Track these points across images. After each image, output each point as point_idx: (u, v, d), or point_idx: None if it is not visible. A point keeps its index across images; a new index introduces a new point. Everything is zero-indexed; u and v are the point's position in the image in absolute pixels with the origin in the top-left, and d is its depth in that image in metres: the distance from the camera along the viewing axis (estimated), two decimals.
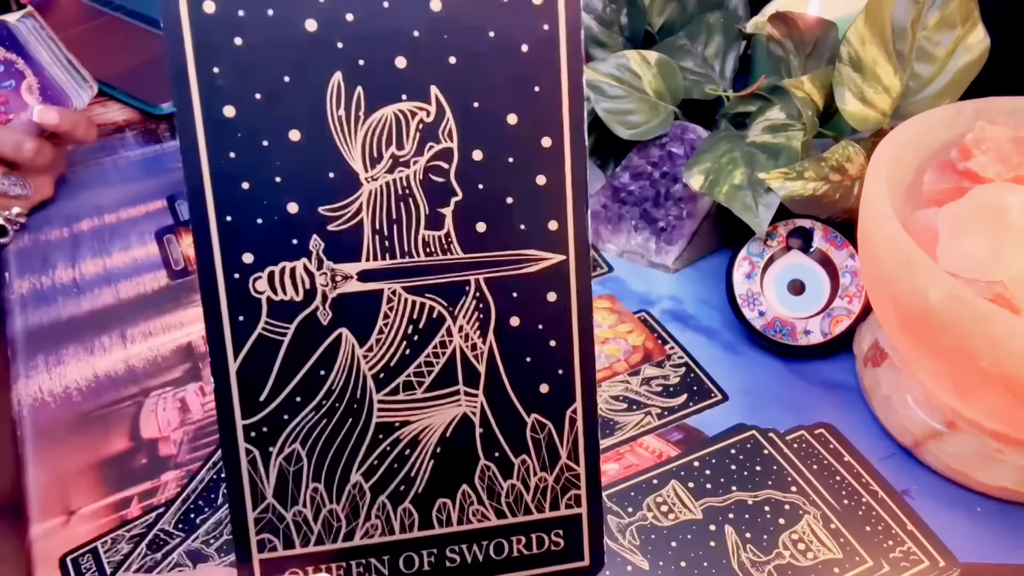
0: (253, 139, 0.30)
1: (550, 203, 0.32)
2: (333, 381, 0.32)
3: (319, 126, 0.30)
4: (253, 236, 0.31)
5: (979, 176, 0.44)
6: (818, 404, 0.51)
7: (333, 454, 0.32)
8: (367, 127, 0.31)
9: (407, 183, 0.31)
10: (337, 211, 0.31)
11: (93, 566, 0.44)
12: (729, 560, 0.43)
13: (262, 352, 0.31)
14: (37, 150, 0.63)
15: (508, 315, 0.32)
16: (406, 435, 0.32)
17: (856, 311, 0.52)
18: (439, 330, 0.32)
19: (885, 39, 0.52)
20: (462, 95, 0.31)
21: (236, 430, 0.32)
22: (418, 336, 0.32)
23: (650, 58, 0.62)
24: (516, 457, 0.33)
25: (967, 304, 0.37)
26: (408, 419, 0.32)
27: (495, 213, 0.32)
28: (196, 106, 0.30)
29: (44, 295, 0.61)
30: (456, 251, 0.32)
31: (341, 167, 0.31)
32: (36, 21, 0.65)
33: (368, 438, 0.32)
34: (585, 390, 0.33)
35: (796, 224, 0.55)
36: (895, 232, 0.40)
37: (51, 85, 0.65)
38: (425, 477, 0.33)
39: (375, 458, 0.32)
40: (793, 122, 0.55)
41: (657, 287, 0.60)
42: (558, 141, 0.32)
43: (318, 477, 0.32)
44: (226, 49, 0.30)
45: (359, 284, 0.32)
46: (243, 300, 0.31)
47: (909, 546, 0.43)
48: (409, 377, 0.32)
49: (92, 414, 0.52)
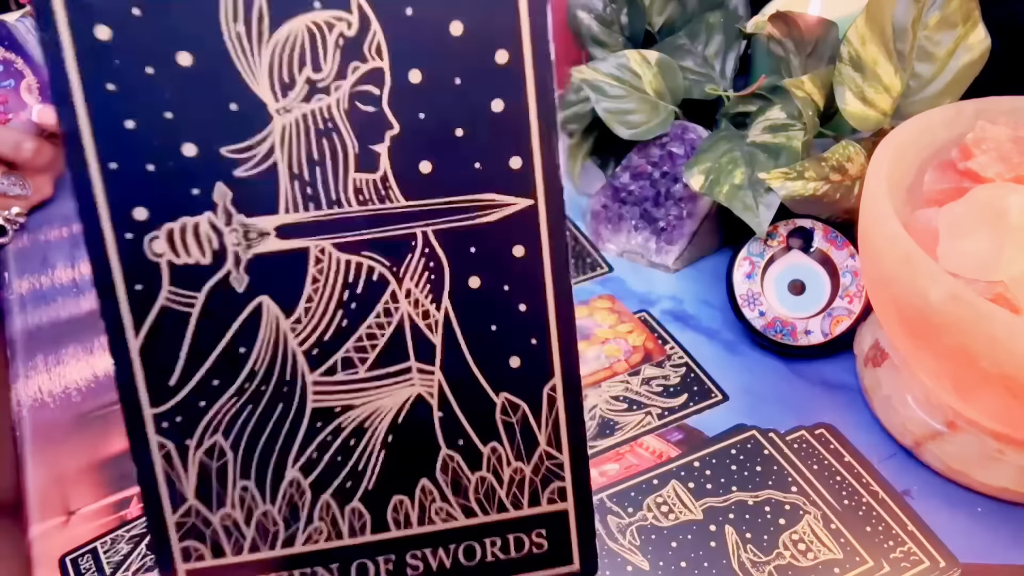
0: (134, 66, 0.25)
1: (510, 134, 0.26)
2: (256, 360, 0.27)
3: (214, 46, 0.25)
4: (144, 186, 0.25)
5: (980, 176, 0.44)
6: (818, 404, 0.51)
7: (263, 446, 0.27)
8: (273, 45, 0.25)
9: (329, 114, 0.26)
10: (244, 152, 0.26)
11: (93, 566, 0.44)
12: (729, 560, 0.43)
13: (167, 327, 0.26)
14: (36, 150, 0.63)
15: (465, 275, 0.27)
16: (349, 422, 0.28)
17: (856, 311, 0.52)
18: (382, 295, 0.27)
19: (886, 39, 0.52)
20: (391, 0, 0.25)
21: (144, 420, 0.27)
22: (356, 303, 0.27)
23: (650, 58, 0.62)
24: (485, 445, 0.28)
25: (968, 304, 0.37)
26: (351, 403, 0.28)
27: (442, 149, 0.26)
28: (63, 27, 0.25)
29: (43, 295, 0.61)
30: (396, 198, 0.26)
31: (245, 96, 0.25)
32: (35, 20, 0.65)
33: (304, 426, 0.27)
34: (565, 363, 0.28)
35: (796, 224, 0.55)
36: (895, 232, 0.40)
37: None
38: (376, 471, 0.28)
39: (314, 450, 0.28)
40: (793, 122, 0.55)
41: (657, 287, 0.60)
42: (516, 55, 0.26)
43: (247, 473, 0.27)
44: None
45: (279, 242, 0.26)
46: (139, 265, 0.26)
47: (909, 546, 0.43)
48: (349, 353, 0.27)
49: (91, 414, 0.52)
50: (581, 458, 0.29)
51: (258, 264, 0.26)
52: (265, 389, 0.27)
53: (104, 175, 0.26)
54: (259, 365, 0.27)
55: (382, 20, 0.25)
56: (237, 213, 0.26)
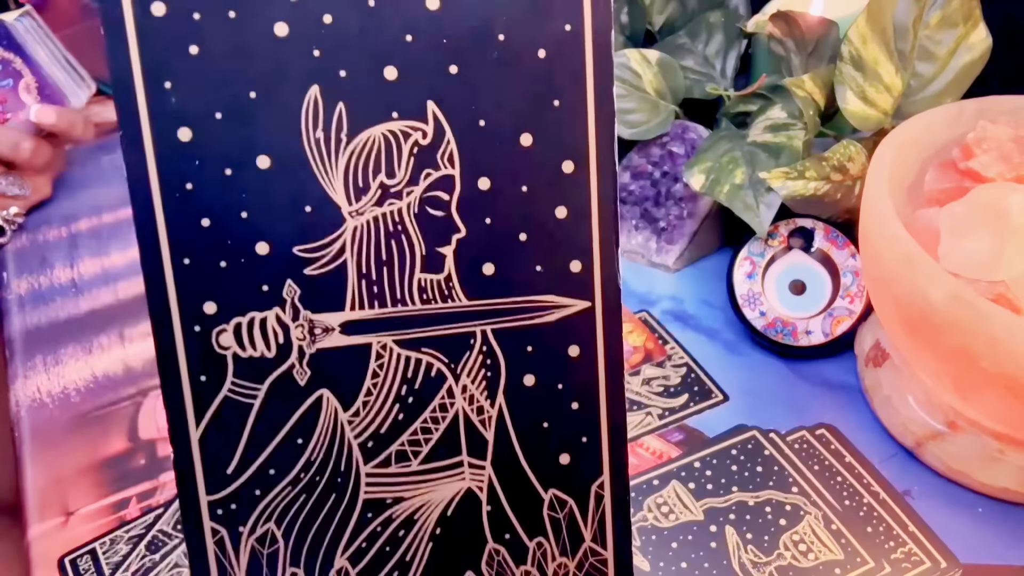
0: (214, 167, 0.26)
1: (572, 240, 0.27)
2: (313, 451, 0.27)
3: (293, 151, 0.26)
4: (216, 282, 0.26)
5: (981, 175, 0.44)
6: (819, 404, 0.51)
7: (314, 535, 0.28)
8: (351, 151, 0.26)
9: (399, 217, 0.27)
10: (316, 252, 0.27)
11: (92, 567, 0.44)
12: (730, 561, 0.43)
13: (228, 417, 0.27)
14: (35, 150, 0.63)
15: (521, 372, 0.28)
16: (400, 513, 0.28)
17: (857, 311, 0.52)
18: (438, 390, 0.28)
19: (887, 38, 0.52)
20: (465, 112, 0.26)
21: (200, 507, 0.27)
22: (413, 398, 0.28)
23: (651, 57, 0.62)
24: (531, 539, 0.29)
25: (968, 304, 0.37)
26: (402, 495, 0.28)
27: (505, 252, 0.27)
28: (145, 128, 0.25)
29: (42, 295, 0.61)
30: (458, 297, 0.27)
31: (320, 200, 0.26)
32: (34, 20, 0.65)
33: (355, 516, 0.28)
34: (614, 461, 0.28)
35: (797, 224, 0.55)
36: (896, 232, 0.40)
37: (48, 84, 0.65)
38: (423, 562, 0.28)
39: (363, 540, 0.28)
40: (794, 121, 0.55)
41: (658, 287, 0.60)
42: (582, 165, 0.27)
43: (297, 561, 0.28)
44: (180, 59, 0.25)
45: (342, 338, 0.27)
46: (205, 357, 0.27)
47: (910, 547, 0.43)
48: (403, 446, 0.28)
49: (90, 414, 0.52)
50: (625, 555, 0.29)
51: (321, 358, 0.27)
52: (320, 479, 0.28)
53: (177, 270, 0.26)
54: (315, 456, 0.28)
55: (456, 130, 0.26)
56: (304, 309, 0.27)
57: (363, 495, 0.28)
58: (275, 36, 0.25)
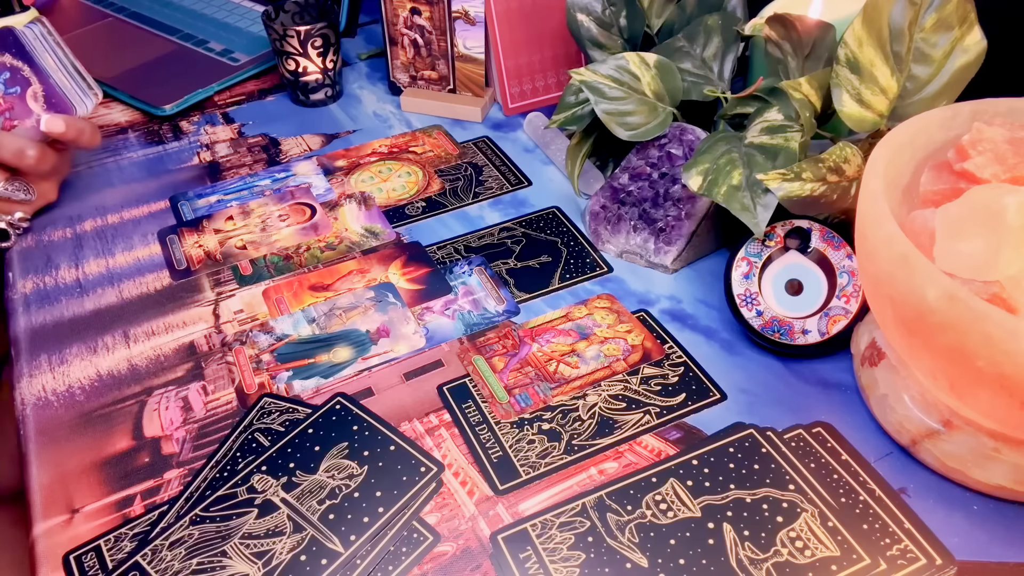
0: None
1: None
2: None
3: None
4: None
5: (976, 177, 0.44)
6: (816, 403, 0.52)
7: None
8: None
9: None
10: None
11: (96, 564, 0.44)
12: (727, 558, 0.43)
13: None
14: (40, 156, 0.64)
15: None
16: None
17: (853, 311, 0.52)
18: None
19: (882, 41, 0.52)
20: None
21: None
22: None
23: (649, 60, 0.62)
24: None
25: (964, 304, 0.37)
26: None
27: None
28: None
29: (47, 295, 0.61)
30: None
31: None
32: (44, 27, 0.65)
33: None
34: None
35: (794, 224, 0.55)
36: (892, 232, 0.41)
37: (56, 93, 0.65)
38: None
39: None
40: (791, 123, 0.55)
41: (656, 287, 0.60)
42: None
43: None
44: None
45: None
46: None
47: (906, 544, 0.44)
48: None
49: (95, 413, 0.52)
50: None
51: None
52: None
53: None
54: None
55: None
56: None
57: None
58: None
